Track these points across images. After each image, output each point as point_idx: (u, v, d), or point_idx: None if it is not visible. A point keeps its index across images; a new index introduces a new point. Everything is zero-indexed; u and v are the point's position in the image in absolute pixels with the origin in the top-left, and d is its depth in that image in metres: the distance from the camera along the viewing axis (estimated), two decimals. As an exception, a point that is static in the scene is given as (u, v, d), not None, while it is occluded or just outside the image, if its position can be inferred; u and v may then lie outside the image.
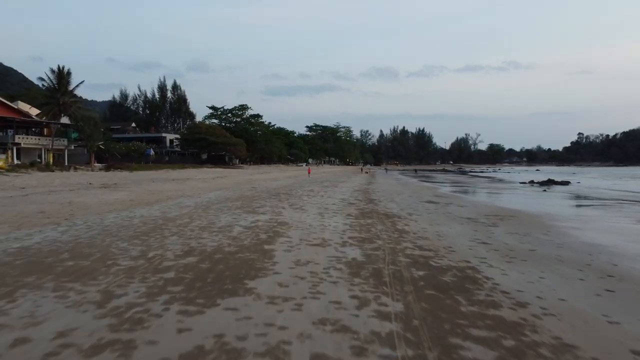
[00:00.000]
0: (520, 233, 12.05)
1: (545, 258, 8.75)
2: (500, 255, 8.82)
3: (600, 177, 75.56)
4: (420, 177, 68.00)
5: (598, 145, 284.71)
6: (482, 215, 16.23)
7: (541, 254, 9.19)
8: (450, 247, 9.51)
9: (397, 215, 15.28)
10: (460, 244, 10.04)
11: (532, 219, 15.51)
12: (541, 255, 9.04)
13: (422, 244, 9.81)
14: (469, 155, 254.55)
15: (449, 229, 12.28)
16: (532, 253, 9.25)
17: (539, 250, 9.55)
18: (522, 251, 9.41)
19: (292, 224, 12.09)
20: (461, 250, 9.28)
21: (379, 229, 11.67)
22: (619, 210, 19.62)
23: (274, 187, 29.34)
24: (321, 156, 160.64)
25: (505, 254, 8.97)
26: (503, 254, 8.96)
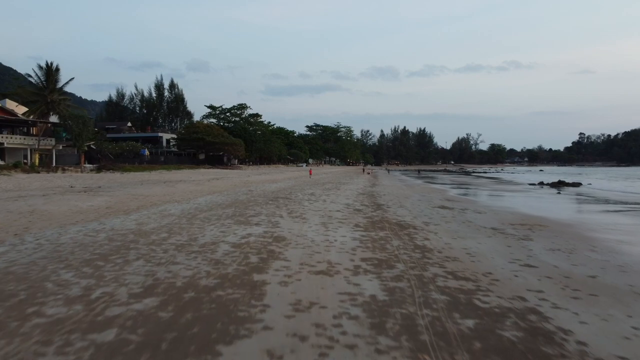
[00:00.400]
0: (563, 249, 10.05)
1: (616, 290, 6.75)
2: (558, 287, 6.82)
3: (608, 178, 73.57)
4: (423, 178, 66.03)
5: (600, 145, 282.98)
6: (507, 224, 14.24)
7: (608, 283, 7.19)
8: (490, 273, 7.52)
9: (411, 225, 13.28)
10: (499, 267, 8.04)
11: (564, 229, 13.52)
12: (609, 285, 7.04)
13: (453, 267, 7.81)
14: (470, 155, 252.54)
15: (478, 244, 10.29)
16: (596, 282, 7.26)
17: (601, 277, 7.55)
18: (582, 278, 7.41)
19: (290, 239, 10.08)
20: (505, 277, 7.28)
21: (395, 246, 9.66)
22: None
23: (272, 190, 27.32)
24: (321, 156, 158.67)
25: (563, 284, 6.97)
26: (561, 284, 6.96)
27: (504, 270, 7.79)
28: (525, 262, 8.57)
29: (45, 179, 29.88)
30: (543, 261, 8.72)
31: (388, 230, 11.94)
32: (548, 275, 7.55)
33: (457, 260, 8.51)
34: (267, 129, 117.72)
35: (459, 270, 7.63)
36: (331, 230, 11.63)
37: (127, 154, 58.52)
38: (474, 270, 7.73)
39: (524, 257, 9.09)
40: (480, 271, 7.65)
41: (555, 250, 9.95)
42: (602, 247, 10.65)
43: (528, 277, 7.40)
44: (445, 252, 9.17)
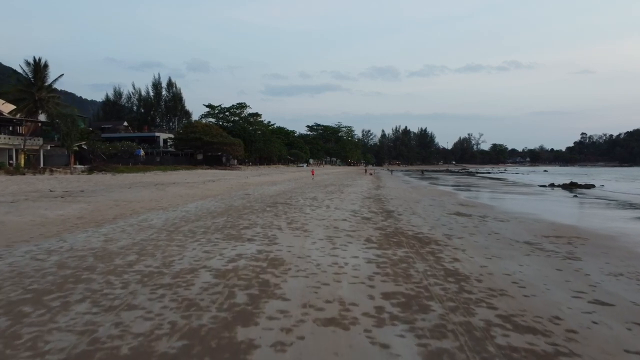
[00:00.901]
0: (628, 274, 8.11)
1: None
2: (664, 343, 4.87)
3: (616, 178, 71.61)
4: (428, 178, 64.07)
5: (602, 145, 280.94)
6: (540, 237, 12.30)
7: None
8: (559, 319, 5.56)
9: (432, 239, 11.32)
10: (564, 306, 6.10)
11: (609, 243, 11.58)
12: None
13: (506, 308, 5.85)
14: (472, 155, 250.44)
15: (520, 267, 8.35)
16: None
17: None
18: (684, 326, 5.46)
19: (290, 262, 8.12)
20: (582, 326, 5.32)
21: (421, 271, 7.71)
22: (699, 226, 15.71)
23: (270, 194, 25.37)
24: (322, 156, 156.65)
25: (666, 337, 5.03)
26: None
27: (574, 312, 5.84)
28: (592, 296, 6.62)
29: (26, 181, 27.90)
30: (614, 294, 6.77)
31: (407, 247, 9.98)
32: (636, 319, 5.60)
33: (506, 294, 6.55)
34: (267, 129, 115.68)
35: (515, 314, 5.68)
36: (339, 247, 9.66)
37: (122, 154, 56.52)
38: (535, 312, 5.78)
39: (586, 287, 7.15)
40: (544, 314, 5.69)
41: (619, 276, 8.01)
42: (670, 269, 8.69)
43: (612, 324, 5.45)
44: (486, 281, 7.22)
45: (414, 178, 65.99)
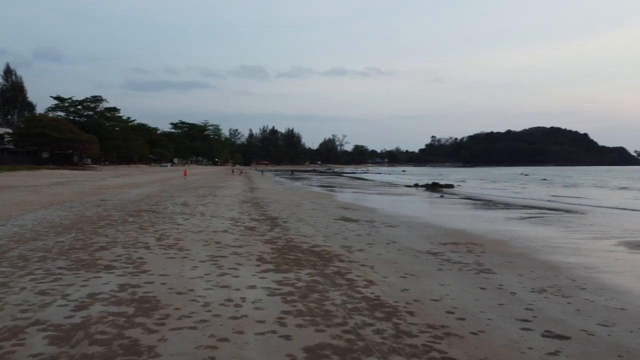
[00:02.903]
0: (550, 290, 7.44)
1: None
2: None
3: (466, 178, 78.34)
4: (299, 179, 63.70)
5: (449, 148, 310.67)
6: (439, 244, 11.62)
7: None
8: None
9: (332, 253, 9.89)
10: (522, 344, 4.98)
11: (506, 250, 11.24)
12: None
13: (464, 358, 4.52)
14: (337, 155, 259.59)
15: (443, 288, 7.25)
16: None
17: (676, 355, 4.82)
18: None
19: (166, 302, 6.01)
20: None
21: (339, 304, 6.14)
22: (566, 226, 16.52)
23: (133, 199, 22.16)
24: (188, 156, 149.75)
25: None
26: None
27: (540, 355, 4.71)
28: (540, 325, 5.63)
29: None
30: (560, 321, 5.87)
31: (308, 267, 8.38)
32: (607, 357, 4.63)
33: (451, 332, 5.26)
34: (126, 125, 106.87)
35: None
36: (228, 273, 7.72)
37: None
38: (496, 358, 4.53)
39: (525, 312, 6.19)
40: None
41: (544, 293, 7.28)
42: (581, 279, 8.28)
43: (563, 359, 4.40)
44: (419, 314, 5.88)
45: (285, 178, 65.16)
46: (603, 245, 12.32)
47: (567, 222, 18.03)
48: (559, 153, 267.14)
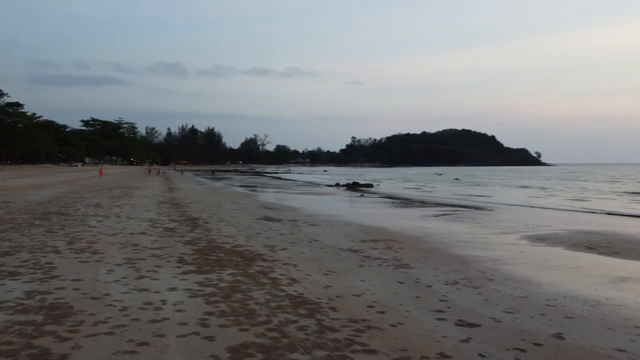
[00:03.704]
0: (462, 282, 7.92)
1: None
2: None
3: (385, 178, 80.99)
4: (221, 179, 62.57)
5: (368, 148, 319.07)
6: (359, 241, 11.97)
7: (589, 348, 4.97)
8: (445, 355, 4.65)
9: (255, 252, 9.86)
10: (437, 333, 5.28)
11: (422, 246, 11.78)
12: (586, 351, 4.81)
13: (384, 349, 4.72)
14: (258, 155, 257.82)
15: (364, 284, 7.50)
16: (578, 347, 4.98)
17: (568, 337, 5.34)
18: (554, 344, 5.07)
19: (80, 308, 5.70)
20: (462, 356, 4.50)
21: (263, 303, 6.15)
22: (476, 222, 17.59)
23: (40, 201, 20.69)
24: (101, 155, 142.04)
25: None
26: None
27: (454, 343, 5.02)
28: (453, 315, 6.00)
29: None
30: (470, 310, 6.28)
31: (231, 267, 8.30)
32: (511, 344, 5.02)
33: (372, 326, 5.46)
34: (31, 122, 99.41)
35: (399, 356, 4.57)
36: (147, 275, 7.46)
37: None
38: (417, 349, 4.76)
39: (439, 303, 6.56)
40: (428, 352, 4.72)
41: (456, 285, 7.74)
42: (490, 271, 8.89)
43: (495, 352, 4.74)
44: (342, 310, 6.04)
45: (206, 179, 63.74)
46: (508, 239, 13.26)
47: (477, 218, 19.20)
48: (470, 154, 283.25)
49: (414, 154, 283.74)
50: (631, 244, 12.44)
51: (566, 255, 10.87)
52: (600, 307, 6.63)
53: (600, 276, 8.68)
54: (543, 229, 15.32)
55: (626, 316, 6.20)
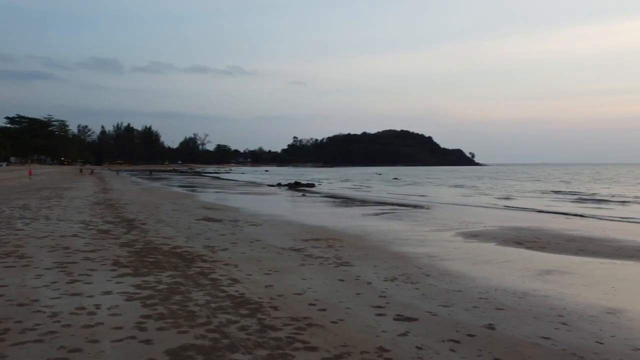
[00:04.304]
0: (400, 278, 8.15)
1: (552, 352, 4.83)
2: None
3: (326, 177, 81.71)
4: (159, 179, 60.73)
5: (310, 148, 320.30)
6: (300, 240, 12.03)
7: (518, 337, 5.26)
8: (384, 349, 4.78)
9: (194, 253, 9.68)
10: (376, 328, 5.41)
11: (363, 244, 11.98)
12: (524, 341, 5.10)
13: (325, 346, 4.78)
14: (198, 155, 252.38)
15: (305, 282, 7.56)
16: (510, 337, 5.25)
17: (499, 327, 5.63)
18: (486, 335, 5.33)
19: (6, 315, 5.38)
20: (414, 356, 4.64)
21: (203, 304, 6.05)
22: (414, 220, 18.10)
23: (-43, 203, 19.24)
24: (29, 154, 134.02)
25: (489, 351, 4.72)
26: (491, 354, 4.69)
27: (392, 337, 5.16)
28: (392, 310, 6.17)
29: None
30: (408, 305, 6.47)
31: (169, 269, 8.10)
32: (446, 336, 5.23)
33: (313, 323, 5.51)
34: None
35: (340, 352, 4.64)
36: (80, 280, 7.13)
37: None
38: (357, 345, 4.86)
39: (379, 299, 6.72)
40: (368, 346, 4.82)
41: (395, 280, 7.95)
42: (427, 267, 9.18)
43: (430, 344, 4.92)
44: (283, 309, 6.05)
45: (143, 179, 61.67)
46: (444, 236, 13.76)
47: (415, 216, 19.77)
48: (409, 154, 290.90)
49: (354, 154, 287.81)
50: (555, 239, 13.24)
51: (497, 251, 11.42)
52: (528, 298, 7.03)
53: (528, 269, 9.18)
54: (476, 226, 16.00)
55: (550, 306, 6.61)
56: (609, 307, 6.58)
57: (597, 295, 7.32)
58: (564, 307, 6.54)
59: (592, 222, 18.93)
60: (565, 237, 13.58)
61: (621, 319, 6.07)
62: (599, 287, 7.87)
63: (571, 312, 6.33)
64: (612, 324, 5.88)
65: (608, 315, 6.20)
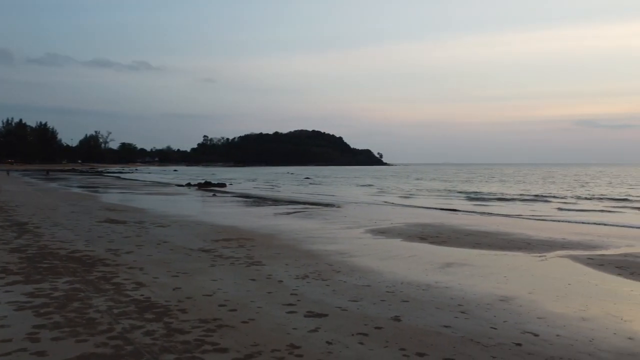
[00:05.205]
0: (311, 275, 8.25)
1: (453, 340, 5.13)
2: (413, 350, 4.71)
3: (237, 177, 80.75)
4: (56, 180, 56.39)
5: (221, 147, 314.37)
6: (211, 241, 11.81)
7: (422, 326, 5.54)
8: (295, 346, 4.81)
9: (95, 257, 9.12)
10: (287, 325, 5.44)
11: (274, 242, 11.99)
12: (425, 329, 5.38)
13: (236, 346, 4.73)
14: (101, 154, 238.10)
15: (215, 283, 7.42)
16: (415, 328, 5.51)
17: (405, 318, 5.89)
18: (395, 327, 5.55)
19: None
20: (324, 351, 4.71)
21: (104, 310, 5.72)
22: (325, 218, 18.39)
23: None
24: None
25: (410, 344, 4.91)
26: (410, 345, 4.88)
27: (303, 334, 5.20)
28: (303, 307, 6.22)
29: None
30: (319, 301, 6.57)
31: (67, 275, 7.57)
32: (355, 330, 5.38)
33: (223, 324, 5.41)
34: None
35: (250, 352, 4.60)
36: (-40, 289, 6.44)
37: None
38: (268, 343, 4.84)
39: (290, 297, 6.75)
40: (279, 344, 4.83)
41: (306, 278, 8.03)
42: (337, 264, 9.37)
43: (340, 338, 5.03)
44: (192, 311, 5.88)
45: (38, 179, 56.93)
46: (354, 233, 14.12)
47: (326, 215, 20.10)
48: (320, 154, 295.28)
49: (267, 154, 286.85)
50: (455, 234, 14.10)
51: (403, 246, 11.93)
52: (431, 290, 7.41)
53: (431, 263, 9.69)
54: (384, 223, 16.60)
55: (451, 296, 7.02)
56: (501, 295, 7.12)
57: (492, 284, 7.90)
58: (463, 297, 6.98)
59: (487, 218, 20.37)
60: (464, 232, 14.50)
61: (512, 305, 6.59)
62: (493, 277, 8.49)
63: (469, 301, 6.77)
64: (504, 310, 6.37)
65: (501, 303, 6.71)
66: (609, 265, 9.56)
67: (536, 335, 5.35)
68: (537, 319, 5.99)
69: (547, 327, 5.65)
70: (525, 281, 8.19)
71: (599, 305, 6.73)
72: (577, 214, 21.97)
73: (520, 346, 5.00)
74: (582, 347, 5.04)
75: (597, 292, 7.54)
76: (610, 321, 5.97)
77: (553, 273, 8.90)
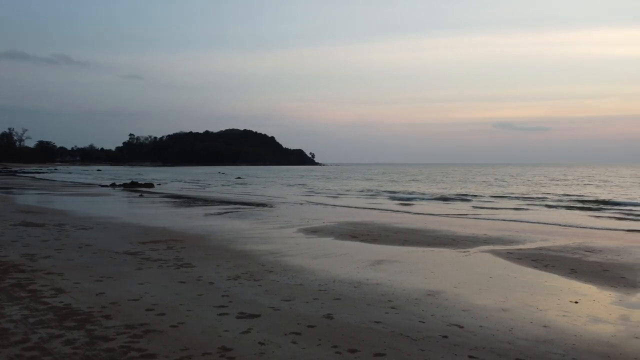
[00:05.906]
0: (243, 276, 8.17)
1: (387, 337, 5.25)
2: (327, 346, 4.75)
3: (166, 177, 78.31)
4: (-39, 180, 51.91)
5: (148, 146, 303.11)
6: (137, 243, 11.41)
7: (357, 324, 5.63)
8: (227, 348, 4.72)
9: (8, 263, 8.51)
10: (219, 328, 5.34)
11: (205, 243, 11.74)
12: (359, 326, 5.48)
13: (164, 351, 4.56)
14: (15, 152, 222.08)
15: (142, 287, 7.14)
16: (346, 325, 5.58)
17: (337, 315, 5.95)
18: (326, 324, 5.60)
19: None
20: (255, 352, 4.66)
21: (18, 320, 5.33)
22: (257, 218, 18.23)
23: None
24: None
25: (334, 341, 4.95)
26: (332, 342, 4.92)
27: (235, 336, 5.12)
28: (235, 308, 6.13)
29: None
30: (251, 302, 6.50)
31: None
32: (288, 329, 5.37)
33: (151, 329, 5.21)
34: None
35: (179, 356, 4.45)
36: None
37: None
38: (198, 347, 4.72)
39: (221, 299, 6.63)
40: (210, 348, 4.72)
41: (238, 279, 7.93)
42: (270, 263, 9.32)
43: (273, 338, 5.00)
44: (117, 317, 5.62)
45: (-60, 180, 52.17)
46: (286, 232, 14.10)
47: (258, 214, 19.94)
48: (252, 154, 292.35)
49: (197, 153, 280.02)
50: (385, 232, 14.46)
51: (335, 244, 12.06)
52: (362, 287, 7.54)
53: (362, 260, 9.87)
54: (316, 222, 16.71)
55: (381, 293, 7.18)
56: (429, 290, 7.38)
57: (420, 280, 8.17)
58: (393, 293, 7.16)
59: (414, 216, 21.07)
60: (393, 230, 14.90)
61: (439, 299, 6.85)
62: (421, 272, 8.79)
63: (399, 296, 6.96)
64: (432, 304, 6.60)
65: (429, 297, 6.96)
66: (526, 258, 10.19)
67: (461, 327, 5.59)
68: (462, 311, 6.27)
69: (471, 319, 5.93)
70: (451, 276, 8.54)
71: (517, 296, 7.15)
72: (496, 212, 23.23)
73: (447, 338, 5.21)
74: (503, 336, 5.33)
75: (516, 284, 8.01)
76: (527, 311, 6.36)
77: (476, 267, 9.36)
